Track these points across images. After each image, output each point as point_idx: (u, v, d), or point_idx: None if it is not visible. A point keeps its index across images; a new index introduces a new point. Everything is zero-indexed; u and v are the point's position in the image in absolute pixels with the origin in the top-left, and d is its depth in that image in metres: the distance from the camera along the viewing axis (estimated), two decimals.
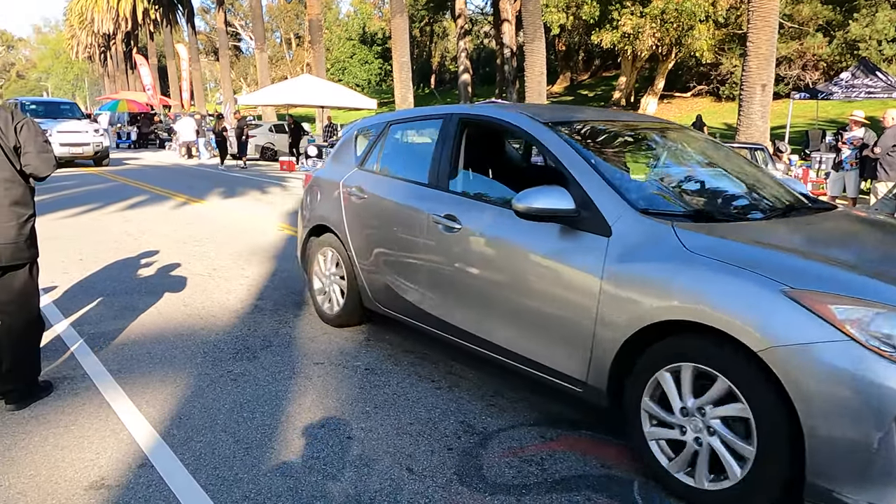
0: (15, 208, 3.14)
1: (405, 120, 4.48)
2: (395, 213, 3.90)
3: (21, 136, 3.11)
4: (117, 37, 51.54)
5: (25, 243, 3.20)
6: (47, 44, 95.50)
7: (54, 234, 7.97)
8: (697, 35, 26.48)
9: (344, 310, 4.48)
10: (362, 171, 4.41)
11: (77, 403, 3.35)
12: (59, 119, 18.01)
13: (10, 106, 3.31)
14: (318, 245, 4.71)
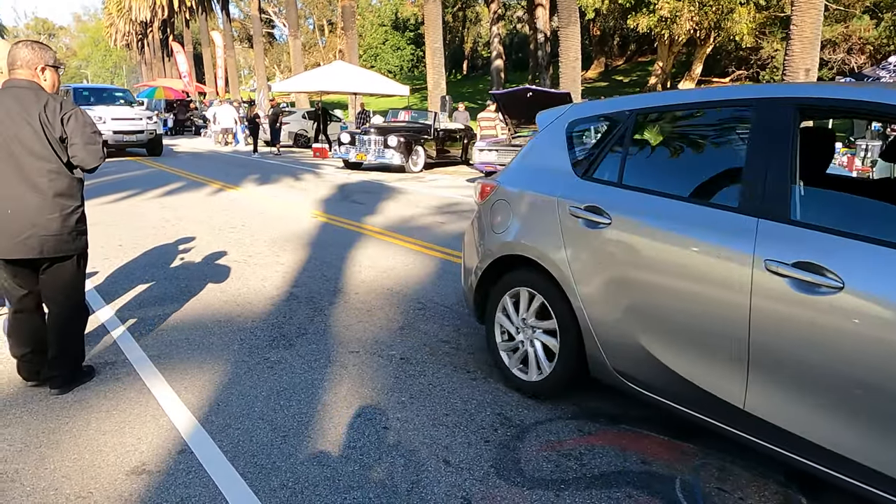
0: (59, 200, 3.11)
1: (668, 108, 3.11)
2: (673, 254, 2.63)
3: (68, 126, 3.06)
4: (154, 24, 52.31)
5: (70, 235, 3.17)
6: (87, 32, 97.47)
7: (95, 220, 8.13)
8: (737, 18, 25.77)
9: (553, 376, 3.24)
10: (593, 182, 3.14)
11: (118, 389, 3.41)
12: (111, 106, 17.66)
13: (60, 95, 3.29)
14: (508, 283, 3.49)
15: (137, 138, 17.31)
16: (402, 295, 5.16)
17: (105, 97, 18.55)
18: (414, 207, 9.78)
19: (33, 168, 3.03)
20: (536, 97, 12.33)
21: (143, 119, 17.43)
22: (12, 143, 2.99)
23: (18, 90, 3.03)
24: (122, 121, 16.91)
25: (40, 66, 3.11)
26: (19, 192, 3.03)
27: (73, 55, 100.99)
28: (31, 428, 2.99)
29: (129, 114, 17.31)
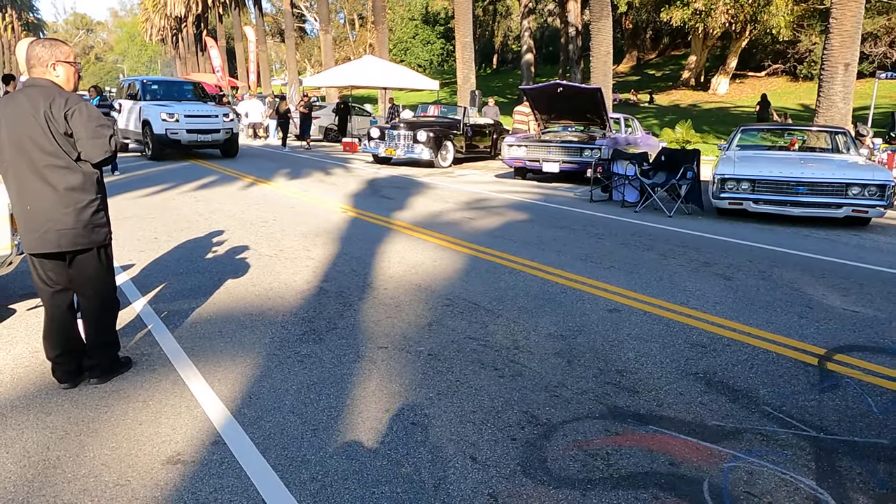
0: (72, 194, 3.16)
1: None
2: None
3: (73, 122, 3.10)
4: (188, 20, 53.06)
5: (85, 229, 3.22)
6: (123, 27, 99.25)
7: (130, 213, 8.32)
8: (774, 11, 25.23)
9: None
10: None
11: (154, 380, 3.50)
12: (183, 101, 16.06)
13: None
14: None
15: (213, 138, 15.56)
16: (430, 291, 5.19)
17: (177, 92, 16.79)
18: (443, 203, 9.80)
19: (43, 164, 3.10)
20: (567, 92, 12.24)
21: (218, 116, 15.70)
22: (24, 140, 3.07)
23: (31, 88, 3.12)
24: (197, 118, 15.25)
25: (51, 62, 3.17)
26: (35, 188, 3.11)
27: (110, 50, 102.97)
28: (71, 416, 3.09)
29: (204, 111, 15.58)
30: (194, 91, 17.29)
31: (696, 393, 3.43)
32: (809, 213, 8.20)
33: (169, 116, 14.82)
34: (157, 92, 16.27)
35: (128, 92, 17.05)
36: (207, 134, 15.41)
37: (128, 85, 17.47)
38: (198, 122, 15.27)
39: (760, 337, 4.29)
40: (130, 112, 16.13)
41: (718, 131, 21.43)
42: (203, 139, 15.36)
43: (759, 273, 5.94)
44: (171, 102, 15.58)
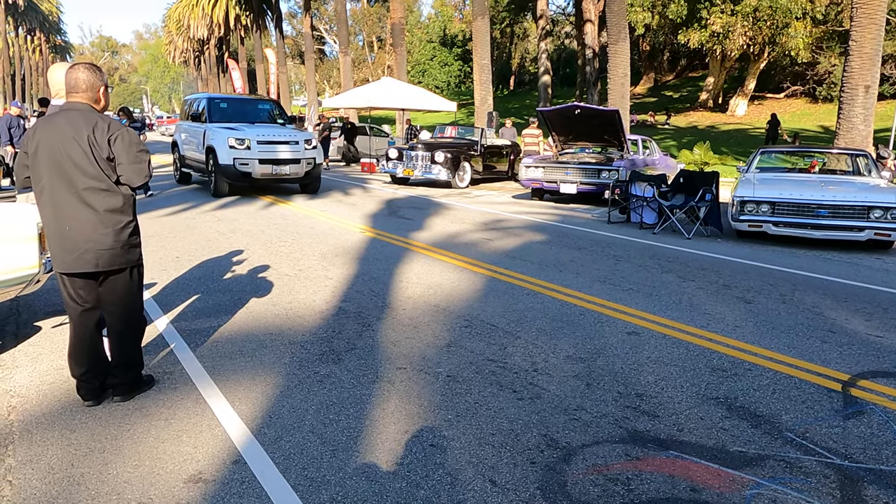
0: (111, 216, 3.26)
1: None
2: None
3: (115, 147, 3.21)
4: (210, 42, 54.10)
5: (123, 249, 3.32)
6: (147, 49, 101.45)
7: (152, 232, 8.45)
8: (793, 33, 25.23)
9: None
10: None
11: (176, 398, 3.54)
12: (256, 123, 13.26)
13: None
14: None
15: (292, 171, 12.40)
16: (448, 312, 5.20)
17: (250, 112, 13.89)
18: (460, 223, 9.84)
19: (84, 186, 3.19)
20: (584, 114, 12.29)
21: (299, 143, 12.55)
22: (65, 162, 3.16)
23: (71, 112, 3.21)
24: (273, 145, 12.27)
25: (101, 87, 3.30)
26: (75, 210, 3.20)
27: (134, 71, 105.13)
28: (95, 433, 3.13)
29: (281, 135, 12.58)
30: (271, 111, 14.32)
31: (717, 418, 3.40)
32: (831, 236, 8.13)
33: (238, 143, 11.87)
34: (225, 112, 13.39)
35: (190, 111, 14.38)
36: (285, 165, 12.26)
37: (190, 103, 14.80)
38: (273, 149, 12.22)
39: (782, 362, 4.24)
40: (193, 136, 13.53)
41: (737, 153, 21.34)
42: (279, 172, 12.20)
43: (779, 297, 5.88)
44: (241, 125, 12.71)
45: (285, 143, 12.41)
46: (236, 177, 12.00)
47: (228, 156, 11.83)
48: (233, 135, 11.96)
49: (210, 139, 12.33)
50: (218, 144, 11.99)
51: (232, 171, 11.91)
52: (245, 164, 11.90)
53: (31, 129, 3.29)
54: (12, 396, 3.55)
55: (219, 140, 12.02)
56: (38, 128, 3.23)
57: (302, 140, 12.64)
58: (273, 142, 12.28)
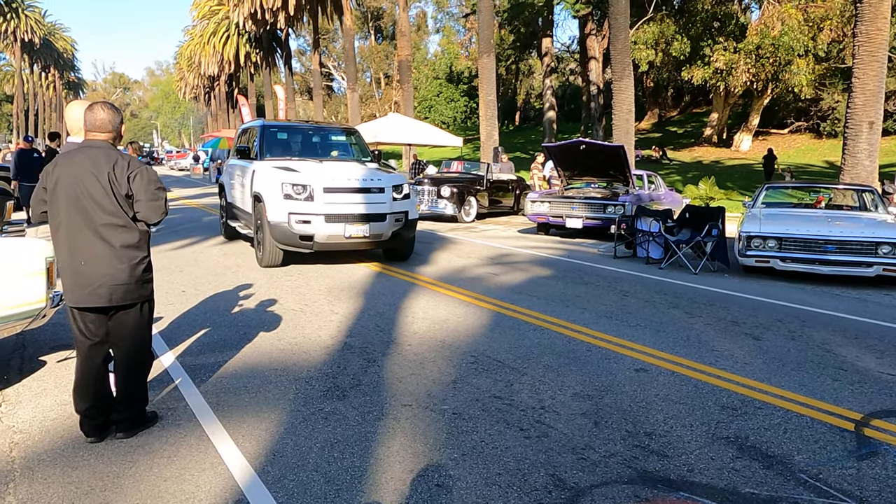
0: (127, 251, 3.31)
1: None
2: None
3: (134, 184, 3.28)
4: (221, 78, 55.10)
5: (137, 284, 3.37)
6: (158, 85, 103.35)
7: (159, 266, 8.46)
8: (796, 70, 25.49)
9: None
10: None
11: (179, 435, 3.50)
12: (325, 160, 9.38)
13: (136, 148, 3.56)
14: None
15: (374, 232, 8.33)
16: (454, 348, 5.17)
17: (317, 144, 10.11)
18: (466, 258, 9.85)
19: (102, 222, 3.24)
20: (590, 149, 12.37)
21: (385, 190, 8.49)
22: (84, 198, 3.21)
23: (91, 149, 3.28)
24: (347, 194, 8.26)
25: (120, 126, 3.40)
26: (91, 245, 3.24)
27: (145, 107, 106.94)
28: (97, 471, 3.09)
29: (360, 178, 8.48)
30: (347, 144, 10.37)
31: (728, 458, 3.34)
32: (839, 271, 8.08)
33: (296, 189, 8.06)
34: (284, 145, 9.72)
35: (239, 144, 10.63)
36: (364, 223, 8.20)
37: (240, 134, 11.27)
38: (348, 200, 8.20)
39: (793, 400, 4.18)
40: (239, 178, 9.90)
41: (742, 188, 21.39)
42: (355, 234, 8.13)
43: (788, 333, 5.83)
44: (304, 163, 8.89)
45: (365, 190, 8.25)
46: (292, 240, 8.04)
47: (281, 209, 7.97)
48: (289, 177, 8.13)
49: (258, 183, 8.56)
50: (267, 191, 8.18)
51: (286, 231, 7.97)
52: (305, 222, 7.96)
53: (50, 164, 3.35)
54: (15, 433, 3.52)
55: (269, 184, 8.22)
56: (58, 164, 3.28)
57: (389, 186, 8.44)
58: (348, 189, 8.19)
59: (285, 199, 8.05)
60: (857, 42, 12.52)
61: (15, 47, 62.09)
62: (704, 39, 28.68)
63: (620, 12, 17.03)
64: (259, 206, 8.46)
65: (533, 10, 33.08)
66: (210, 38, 49.63)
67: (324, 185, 8.09)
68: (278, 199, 8.07)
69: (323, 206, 8.04)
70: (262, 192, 8.32)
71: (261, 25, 38.74)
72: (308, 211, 8.01)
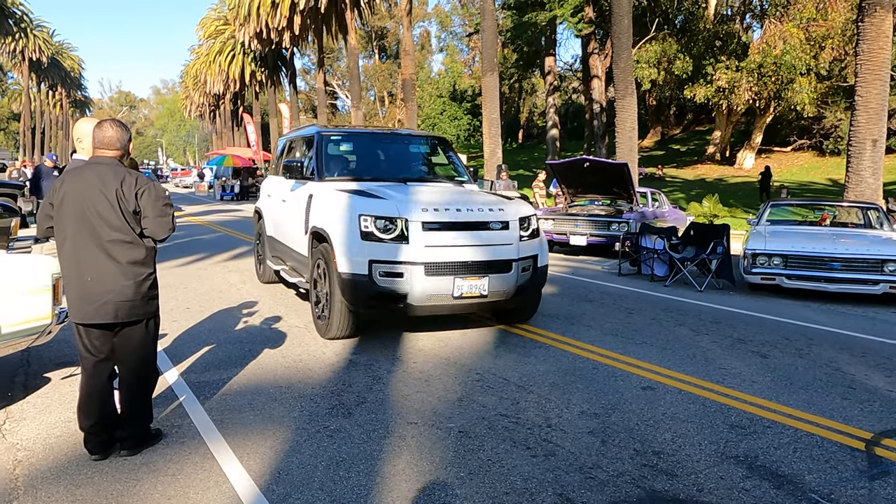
0: (133, 268, 3.31)
1: None
2: None
3: (142, 201, 3.29)
4: (226, 97, 55.49)
5: (142, 301, 3.37)
6: (164, 104, 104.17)
7: (165, 282, 8.47)
8: (798, 88, 25.60)
9: None
10: None
11: (184, 453, 3.48)
12: (410, 182, 6.64)
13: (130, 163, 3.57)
14: None
15: (494, 288, 5.59)
16: (459, 365, 5.14)
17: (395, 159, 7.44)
18: None
19: (108, 238, 3.24)
20: (593, 167, 12.40)
21: (508, 226, 5.76)
22: (91, 214, 3.22)
23: (99, 166, 3.29)
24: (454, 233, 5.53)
25: (128, 144, 3.42)
26: (97, 261, 3.24)
27: (151, 125, 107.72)
28: (101, 489, 3.07)
29: (470, 208, 5.72)
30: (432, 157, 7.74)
31: (737, 478, 3.30)
32: (845, 289, 8.05)
33: (381, 226, 5.47)
34: (352, 161, 7.16)
35: (287, 160, 7.55)
36: (481, 275, 5.55)
37: (286, 146, 8.37)
38: (457, 240, 5.54)
39: (802, 419, 4.14)
40: (289, 203, 7.14)
41: (746, 205, 21.39)
42: (469, 292, 5.50)
43: (796, 351, 5.79)
44: (384, 186, 6.27)
45: (482, 225, 5.64)
46: (374, 301, 5.47)
47: (359, 254, 5.41)
48: (370, 206, 5.56)
49: (319, 214, 6.06)
50: (336, 226, 5.63)
51: (365, 288, 5.39)
52: (395, 275, 5.36)
53: (57, 181, 3.36)
54: (19, 450, 3.50)
55: (338, 216, 5.68)
56: (66, 180, 3.30)
57: (515, 219, 5.78)
58: (458, 224, 5.55)
59: (365, 239, 5.35)
60: (859, 61, 12.59)
61: (23, 66, 62.71)
62: (706, 58, 28.86)
63: (623, 31, 17.16)
64: (321, 248, 5.87)
65: (536, 29, 33.34)
66: (216, 57, 50.07)
67: (423, 218, 5.37)
68: (353, 239, 5.39)
69: (422, 250, 5.31)
70: (328, 229, 5.67)
71: (266, 45, 39.08)
72: (400, 258, 5.29)
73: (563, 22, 31.62)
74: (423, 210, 5.47)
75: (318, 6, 33.17)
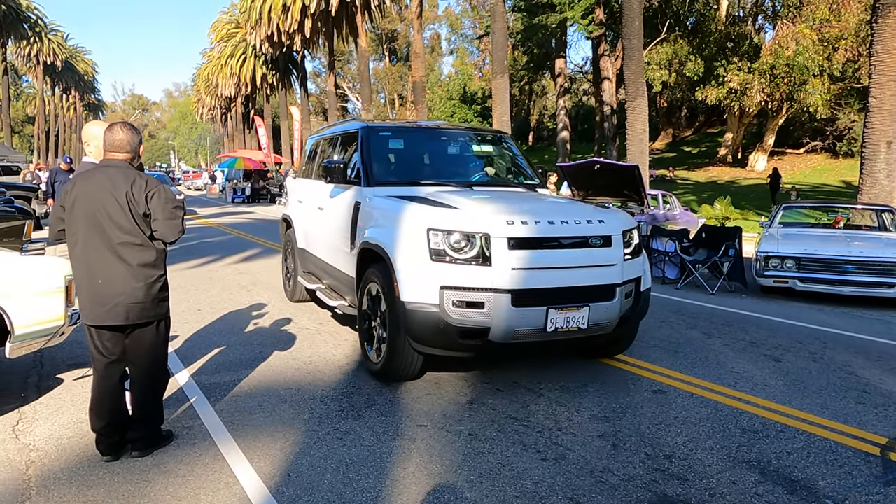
0: (144, 270, 3.32)
1: None
2: None
3: (152, 203, 3.30)
4: (237, 99, 55.82)
5: (153, 303, 3.38)
6: (176, 107, 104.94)
7: (175, 284, 8.51)
8: (811, 90, 25.41)
9: None
10: None
11: (194, 454, 3.49)
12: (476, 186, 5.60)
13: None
14: None
15: (595, 318, 4.38)
16: (469, 367, 5.13)
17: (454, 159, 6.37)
18: None
19: (119, 241, 3.25)
20: (604, 169, 12.35)
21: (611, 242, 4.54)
22: (101, 217, 3.23)
23: (109, 169, 3.31)
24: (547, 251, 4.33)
25: (139, 146, 3.44)
26: (108, 264, 3.26)
27: (163, 127, 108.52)
28: (112, 490, 3.08)
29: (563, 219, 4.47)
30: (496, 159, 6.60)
31: (750, 483, 3.27)
32: (859, 292, 7.96)
33: (456, 243, 4.29)
34: (405, 162, 6.14)
35: (327, 161, 5.94)
36: (581, 305, 4.34)
37: (318, 146, 7.33)
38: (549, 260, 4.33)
39: (815, 423, 4.10)
40: (328, 212, 6.17)
41: (758, 207, 21.25)
42: (565, 326, 4.30)
43: (809, 355, 5.73)
44: (447, 190, 5.20)
45: (581, 242, 4.50)
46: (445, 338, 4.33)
47: (427, 279, 4.34)
48: (440, 218, 4.46)
49: (371, 228, 5.04)
50: (396, 242, 4.59)
51: (436, 321, 4.29)
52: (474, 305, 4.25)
53: (68, 184, 3.38)
54: (31, 450, 3.53)
55: (398, 229, 4.63)
56: (77, 183, 3.32)
57: (619, 233, 4.66)
58: (551, 240, 4.41)
59: (435, 259, 4.31)
60: (873, 62, 12.46)
61: (37, 70, 63.35)
62: (718, 60, 28.72)
63: (634, 33, 17.09)
64: (374, 269, 4.79)
65: (546, 31, 33.32)
66: (227, 61, 50.40)
67: (509, 232, 4.26)
68: (420, 259, 4.34)
69: (508, 273, 4.20)
70: (386, 245, 4.60)
71: (277, 48, 39.29)
72: (480, 283, 4.21)
73: (574, 24, 31.59)
74: (508, 222, 4.30)
75: (328, 9, 33.31)
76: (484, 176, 6.23)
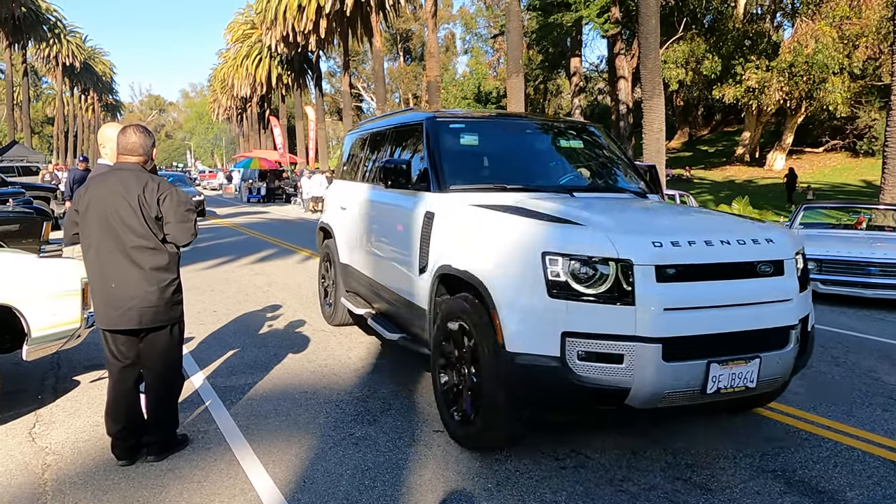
0: (157, 273, 3.31)
1: None
2: None
3: (164, 206, 3.28)
4: (253, 100, 56.15)
5: (166, 306, 3.36)
6: (192, 107, 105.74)
7: (191, 285, 8.54)
8: (830, 88, 25.06)
9: None
10: None
11: (209, 459, 3.47)
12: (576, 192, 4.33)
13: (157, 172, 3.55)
14: None
15: (766, 372, 3.26)
16: None
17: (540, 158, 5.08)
18: None
19: (132, 245, 3.24)
20: None
21: (783, 269, 3.39)
22: (114, 220, 3.22)
23: (122, 172, 3.30)
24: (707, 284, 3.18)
25: (152, 149, 3.42)
26: (121, 268, 3.24)
27: (179, 128, 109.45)
28: (127, 496, 3.07)
29: (715, 240, 3.24)
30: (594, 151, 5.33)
31: (775, 493, 3.19)
32: (883, 295, 7.81)
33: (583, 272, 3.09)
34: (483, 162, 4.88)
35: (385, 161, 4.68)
36: (750, 357, 3.20)
37: (365, 143, 6.15)
38: (710, 296, 3.16)
39: (841, 431, 4.00)
40: (375, 222, 5.39)
41: (777, 207, 21.00)
42: (730, 386, 3.15)
43: (832, 359, 5.61)
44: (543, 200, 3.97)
45: (748, 270, 3.31)
46: (568, 401, 3.23)
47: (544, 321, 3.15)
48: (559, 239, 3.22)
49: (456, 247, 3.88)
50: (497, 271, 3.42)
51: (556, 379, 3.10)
52: (611, 359, 3.07)
53: (82, 187, 3.37)
54: (47, 454, 3.53)
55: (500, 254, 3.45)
56: (90, 186, 3.31)
57: (790, 256, 3.48)
58: (711, 268, 3.22)
59: (555, 295, 3.16)
60: (894, 59, 12.25)
61: (56, 71, 64.04)
62: (736, 58, 28.42)
63: (650, 31, 16.93)
64: (463, 304, 3.64)
65: (562, 30, 33.15)
66: (243, 61, 50.65)
67: (657, 259, 3.13)
68: (534, 294, 3.21)
69: (659, 315, 3.08)
70: (481, 273, 3.51)
71: (292, 48, 39.43)
72: (619, 328, 3.10)
73: (589, 23, 31.40)
74: (655, 244, 3.15)
75: (343, 9, 33.37)
76: (582, 179, 5.00)
